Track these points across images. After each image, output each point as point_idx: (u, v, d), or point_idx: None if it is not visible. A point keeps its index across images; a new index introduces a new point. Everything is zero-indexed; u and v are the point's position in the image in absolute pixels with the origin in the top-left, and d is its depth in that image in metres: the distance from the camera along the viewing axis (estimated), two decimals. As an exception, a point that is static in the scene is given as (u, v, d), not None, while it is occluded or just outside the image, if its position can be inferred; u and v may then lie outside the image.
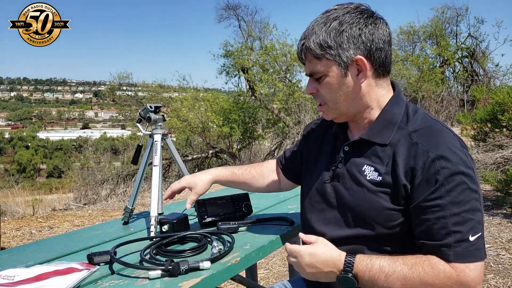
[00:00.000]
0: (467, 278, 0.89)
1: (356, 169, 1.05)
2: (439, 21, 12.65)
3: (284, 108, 9.95)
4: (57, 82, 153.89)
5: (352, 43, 0.99)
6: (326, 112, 1.10)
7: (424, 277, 0.90)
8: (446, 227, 0.91)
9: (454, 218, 0.91)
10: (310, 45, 1.01)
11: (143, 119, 1.71)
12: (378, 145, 1.03)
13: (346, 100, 1.04)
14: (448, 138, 0.97)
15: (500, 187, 3.96)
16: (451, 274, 0.90)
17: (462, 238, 0.90)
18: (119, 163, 11.13)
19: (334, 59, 1.00)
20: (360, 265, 0.94)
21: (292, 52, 10.02)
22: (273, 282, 2.88)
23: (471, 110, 8.87)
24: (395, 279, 0.91)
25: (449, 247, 0.91)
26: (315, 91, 1.07)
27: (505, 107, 4.47)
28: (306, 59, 1.04)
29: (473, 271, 0.90)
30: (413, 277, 0.90)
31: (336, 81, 1.02)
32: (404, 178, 0.96)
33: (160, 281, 1.00)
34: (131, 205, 1.68)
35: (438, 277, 0.90)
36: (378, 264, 0.93)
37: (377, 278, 0.92)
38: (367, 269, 0.93)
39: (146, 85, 12.78)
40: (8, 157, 53.95)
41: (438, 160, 0.92)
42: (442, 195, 0.92)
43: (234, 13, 11.95)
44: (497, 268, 2.74)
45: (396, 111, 1.04)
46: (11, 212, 6.44)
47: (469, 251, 0.90)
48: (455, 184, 0.91)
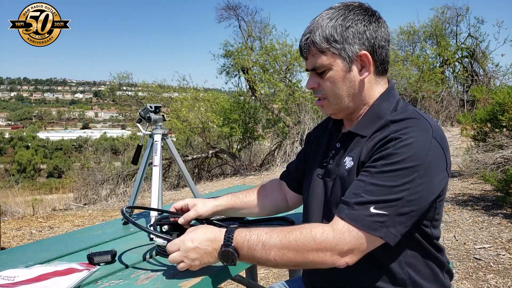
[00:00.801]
0: (342, 242, 0.90)
1: (340, 162, 1.07)
2: (439, 21, 12.64)
3: (284, 108, 9.95)
4: (57, 82, 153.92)
5: (357, 38, 1.00)
6: (326, 107, 1.10)
7: (299, 240, 0.91)
8: (358, 189, 0.93)
9: (369, 187, 0.92)
10: (316, 39, 1.01)
11: (143, 119, 1.71)
12: (360, 136, 1.05)
13: (348, 95, 1.05)
14: (421, 126, 0.96)
15: (500, 187, 3.95)
16: (328, 235, 0.91)
17: (363, 204, 0.91)
18: (119, 163, 11.14)
19: (339, 53, 1.01)
20: (239, 236, 0.95)
21: (292, 52, 10.01)
22: (273, 282, 2.88)
23: (471, 110, 8.88)
24: (271, 246, 0.92)
25: (348, 206, 0.92)
26: (316, 86, 1.07)
27: (505, 107, 4.46)
28: (309, 53, 1.04)
29: (353, 236, 0.90)
30: (289, 241, 0.92)
31: (340, 75, 1.03)
32: (365, 156, 0.98)
33: (161, 281, 1.00)
34: (131, 205, 1.68)
35: (314, 239, 0.91)
36: (256, 234, 0.94)
37: (255, 247, 0.93)
38: (245, 239, 0.94)
39: (146, 85, 12.77)
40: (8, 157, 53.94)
41: (395, 140, 0.93)
42: (376, 165, 0.93)
43: (234, 13, 11.94)
44: (497, 268, 2.75)
45: (385, 106, 1.05)
46: (11, 212, 6.45)
47: (361, 218, 0.90)
48: (393, 162, 0.91)
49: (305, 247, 0.91)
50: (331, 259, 0.91)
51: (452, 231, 3.49)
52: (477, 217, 3.80)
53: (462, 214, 3.91)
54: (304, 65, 10.43)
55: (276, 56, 10.08)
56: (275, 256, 0.92)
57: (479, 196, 4.45)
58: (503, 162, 4.56)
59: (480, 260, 2.90)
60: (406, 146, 0.92)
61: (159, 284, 0.99)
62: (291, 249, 0.92)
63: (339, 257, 0.91)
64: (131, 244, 1.35)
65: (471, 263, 2.87)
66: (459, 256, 2.99)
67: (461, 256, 2.99)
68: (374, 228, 0.90)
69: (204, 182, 9.33)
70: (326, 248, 0.90)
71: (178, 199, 6.91)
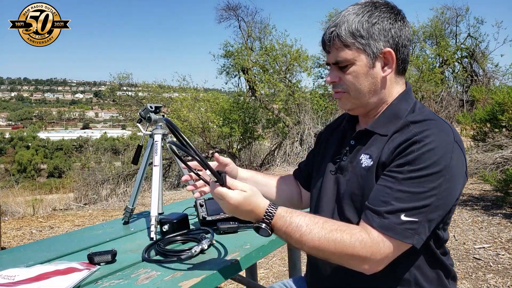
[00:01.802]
0: (378, 252, 0.91)
1: (355, 160, 1.07)
2: (438, 22, 12.64)
3: (284, 108, 9.96)
4: (57, 82, 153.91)
5: (382, 35, 1.01)
6: (344, 101, 1.08)
7: (339, 243, 0.91)
8: (386, 197, 0.93)
9: (398, 194, 0.92)
10: (341, 32, 1.01)
11: (144, 119, 1.72)
12: (379, 135, 1.04)
13: (369, 92, 1.05)
14: (442, 129, 0.97)
15: (500, 187, 3.96)
16: (366, 245, 0.91)
17: (394, 212, 0.91)
18: (120, 163, 11.15)
19: (364, 49, 1.01)
20: (279, 219, 0.95)
21: (292, 52, 10.02)
22: (273, 281, 2.88)
23: (471, 110, 8.87)
24: (309, 239, 0.93)
25: (379, 215, 0.92)
26: (337, 80, 1.06)
27: (505, 107, 4.47)
28: (333, 46, 1.03)
29: (387, 247, 0.91)
30: (327, 241, 0.92)
31: (363, 70, 1.02)
32: (386, 156, 0.98)
33: (161, 281, 1.01)
34: (131, 205, 1.68)
35: (353, 246, 0.91)
36: (296, 222, 0.94)
37: (292, 235, 0.94)
38: (284, 225, 0.95)
39: (146, 86, 12.79)
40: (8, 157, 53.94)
41: (419, 143, 0.93)
42: (403, 171, 0.93)
43: (234, 14, 11.96)
44: (496, 268, 2.75)
45: (403, 107, 1.06)
46: (11, 212, 6.45)
47: (393, 226, 0.91)
48: (420, 167, 0.92)
49: (342, 252, 0.91)
50: (363, 267, 0.93)
51: (452, 231, 3.49)
52: (476, 217, 3.80)
53: (461, 214, 3.92)
54: (304, 65, 10.47)
55: (276, 56, 10.08)
56: (310, 248, 0.94)
57: (478, 196, 4.45)
58: (503, 162, 4.56)
59: (480, 260, 2.90)
60: (431, 150, 0.92)
61: (159, 284, 0.99)
62: (327, 250, 0.92)
63: (371, 265, 0.92)
64: (131, 244, 1.36)
65: (471, 263, 2.87)
66: (458, 256, 2.99)
67: (461, 256, 2.99)
68: (406, 236, 0.91)
69: (204, 182, 9.32)
70: (361, 257, 0.91)
71: (178, 199, 6.91)
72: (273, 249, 1.38)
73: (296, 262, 1.90)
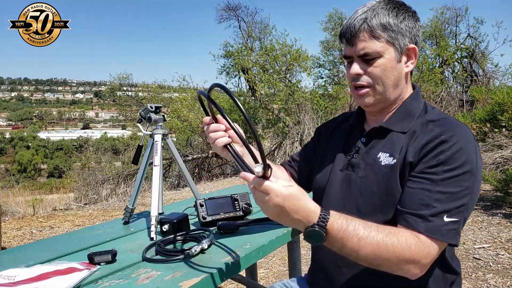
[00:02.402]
0: (428, 254, 0.91)
1: (371, 157, 1.07)
2: (438, 22, 12.63)
3: (284, 108, 9.96)
4: (57, 82, 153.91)
5: (408, 32, 1.04)
6: (368, 96, 1.06)
7: (396, 247, 0.90)
8: (426, 200, 0.93)
9: (437, 195, 0.93)
10: (373, 24, 1.01)
11: (144, 119, 1.72)
12: (395, 132, 1.05)
13: (393, 86, 1.06)
14: (462, 129, 0.99)
15: (500, 187, 3.96)
16: (420, 248, 0.91)
17: (438, 214, 0.92)
18: (120, 163, 11.16)
19: (393, 42, 1.03)
20: (335, 222, 0.87)
21: (292, 52, 10.02)
22: (273, 281, 2.88)
23: (471, 110, 8.87)
24: (367, 243, 0.88)
25: (423, 219, 0.92)
26: (362, 72, 1.05)
27: (505, 107, 4.47)
28: (360, 37, 1.02)
29: (435, 249, 0.92)
30: (386, 245, 0.89)
31: (390, 64, 1.03)
32: (413, 156, 0.98)
33: (161, 281, 1.01)
34: (131, 205, 1.68)
35: (410, 249, 0.90)
36: (353, 225, 0.89)
37: (350, 239, 0.88)
38: (341, 228, 0.88)
39: (146, 86, 12.81)
40: (8, 157, 53.97)
41: (447, 142, 0.95)
42: (438, 172, 0.94)
43: (234, 14, 11.96)
44: (496, 267, 2.75)
45: (416, 106, 1.08)
46: (11, 212, 6.46)
47: (439, 229, 0.91)
48: (453, 167, 0.93)
49: (399, 255, 0.89)
50: (414, 271, 0.91)
51: (451, 231, 3.49)
52: (476, 217, 3.80)
53: (461, 214, 3.92)
54: (304, 66, 10.46)
55: (276, 56, 10.08)
56: (367, 253, 0.89)
57: (478, 196, 4.45)
58: (502, 162, 4.56)
59: (480, 259, 2.90)
60: (461, 150, 0.94)
61: (159, 284, 0.99)
62: (385, 253, 0.89)
63: (419, 270, 0.92)
64: (131, 244, 1.36)
65: (471, 262, 2.87)
66: (458, 256, 2.99)
67: (461, 256, 2.99)
68: (450, 237, 0.92)
69: (204, 182, 9.34)
70: (415, 260, 0.90)
71: (178, 199, 6.92)
72: (273, 249, 1.38)
73: (296, 262, 1.90)
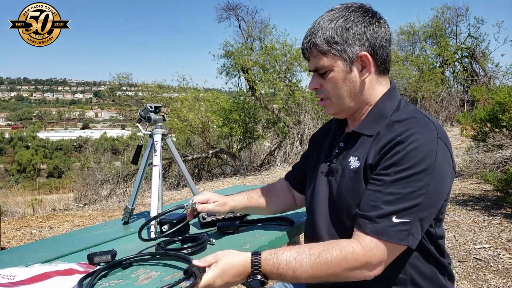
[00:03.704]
0: (373, 258, 0.91)
1: (345, 162, 1.08)
2: (439, 21, 12.63)
3: (284, 108, 9.95)
4: (57, 82, 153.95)
5: (357, 39, 1.02)
6: (328, 107, 1.11)
7: (331, 262, 0.91)
8: (376, 201, 0.94)
9: (387, 197, 0.93)
10: (317, 41, 1.03)
11: (143, 119, 1.71)
12: (365, 136, 1.06)
13: (350, 96, 1.06)
14: (425, 127, 0.98)
15: (500, 187, 3.96)
16: (358, 255, 0.91)
17: (386, 216, 0.92)
18: (119, 163, 11.14)
19: (340, 55, 1.03)
20: (266, 265, 0.94)
21: (292, 52, 10.01)
22: (273, 281, 2.88)
23: (471, 110, 8.87)
24: (302, 271, 0.92)
25: (370, 220, 0.93)
26: (318, 86, 1.09)
27: (505, 107, 4.46)
28: (311, 54, 1.06)
29: (381, 251, 0.91)
30: (320, 265, 0.92)
31: (341, 76, 1.04)
32: (373, 158, 0.99)
33: (161, 281, 1.00)
34: (131, 205, 1.68)
35: (346, 259, 0.91)
36: (284, 260, 0.93)
37: (285, 273, 0.93)
38: (274, 267, 0.93)
39: (146, 85, 12.79)
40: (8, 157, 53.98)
41: (402, 143, 0.95)
42: (390, 173, 0.94)
43: (234, 13, 11.95)
44: (496, 268, 2.75)
45: (388, 106, 1.07)
46: (11, 212, 6.45)
47: (386, 230, 0.91)
48: (406, 167, 0.93)
49: (336, 268, 0.92)
50: (362, 275, 0.93)
51: (452, 231, 3.49)
52: (477, 217, 3.80)
53: (462, 214, 3.91)
54: (304, 65, 10.46)
55: (276, 56, 10.07)
56: (307, 279, 0.93)
57: (479, 196, 4.45)
58: (503, 162, 4.56)
59: (480, 260, 2.90)
60: (415, 149, 0.93)
61: (159, 284, 0.99)
62: (323, 272, 0.92)
63: (368, 272, 0.93)
64: (131, 244, 1.36)
65: (471, 263, 2.87)
66: (459, 256, 2.99)
67: (461, 256, 2.99)
68: (400, 238, 0.91)
69: (204, 182, 9.33)
70: (357, 266, 0.92)
71: (178, 199, 6.91)
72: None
73: (296, 262, 1.89)
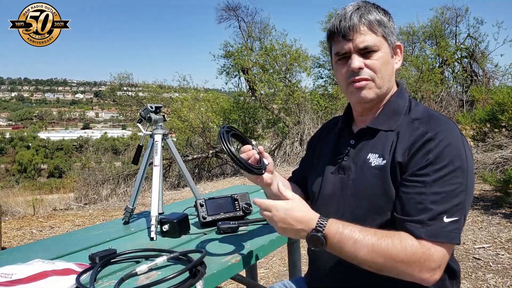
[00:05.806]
0: (431, 257, 0.90)
1: (362, 159, 1.06)
2: (438, 22, 12.61)
3: (284, 108, 9.95)
4: (57, 82, 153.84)
5: (395, 30, 1.08)
6: (369, 89, 1.05)
7: (391, 249, 0.90)
8: (423, 203, 0.92)
9: (433, 197, 0.92)
10: (370, 18, 1.03)
11: (144, 119, 1.72)
12: (383, 131, 1.05)
13: (389, 80, 1.08)
14: (448, 125, 0.99)
15: (499, 187, 3.96)
16: (417, 250, 0.90)
17: (437, 217, 0.91)
18: (120, 163, 11.15)
19: (387, 38, 1.06)
20: (331, 227, 0.94)
21: (292, 52, 10.02)
22: (273, 281, 2.89)
23: (470, 110, 8.86)
24: (363, 245, 0.92)
25: (422, 224, 0.92)
26: (363, 66, 1.04)
27: (505, 107, 4.47)
28: (359, 31, 1.02)
29: (439, 252, 0.91)
30: (380, 247, 0.91)
31: (387, 58, 1.06)
32: (401, 157, 0.98)
33: (164, 281, 1.01)
34: (131, 205, 1.68)
35: (405, 251, 0.90)
36: (349, 230, 0.93)
37: (346, 242, 0.93)
38: (337, 232, 0.93)
39: (147, 86, 12.80)
40: (9, 157, 53.99)
41: (434, 140, 0.95)
42: (429, 173, 0.93)
43: (234, 14, 11.96)
44: (496, 268, 2.75)
45: (401, 103, 1.09)
46: (12, 212, 6.45)
47: (440, 231, 0.91)
48: (443, 165, 0.93)
49: (395, 257, 0.90)
50: (419, 275, 0.91)
51: (451, 231, 3.49)
52: (476, 217, 3.80)
53: (461, 214, 3.92)
54: (303, 65, 10.47)
55: (276, 56, 10.08)
56: (364, 256, 0.92)
57: (478, 196, 4.45)
58: (502, 162, 4.56)
59: (479, 259, 2.90)
60: (448, 146, 0.94)
61: (158, 284, 0.99)
62: (381, 255, 0.91)
63: (427, 274, 0.91)
64: (131, 244, 1.36)
65: (471, 262, 2.87)
66: (458, 256, 2.99)
67: (461, 256, 2.99)
68: (453, 237, 0.91)
69: (204, 182, 9.33)
70: (415, 263, 0.90)
71: (178, 199, 6.92)
72: (273, 249, 1.38)
73: (296, 262, 1.90)
